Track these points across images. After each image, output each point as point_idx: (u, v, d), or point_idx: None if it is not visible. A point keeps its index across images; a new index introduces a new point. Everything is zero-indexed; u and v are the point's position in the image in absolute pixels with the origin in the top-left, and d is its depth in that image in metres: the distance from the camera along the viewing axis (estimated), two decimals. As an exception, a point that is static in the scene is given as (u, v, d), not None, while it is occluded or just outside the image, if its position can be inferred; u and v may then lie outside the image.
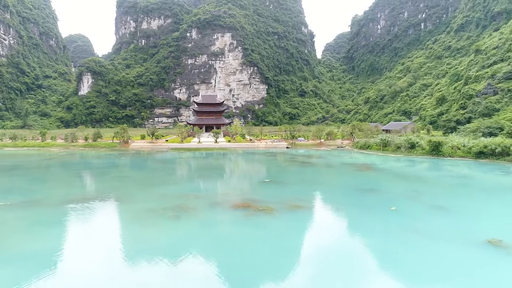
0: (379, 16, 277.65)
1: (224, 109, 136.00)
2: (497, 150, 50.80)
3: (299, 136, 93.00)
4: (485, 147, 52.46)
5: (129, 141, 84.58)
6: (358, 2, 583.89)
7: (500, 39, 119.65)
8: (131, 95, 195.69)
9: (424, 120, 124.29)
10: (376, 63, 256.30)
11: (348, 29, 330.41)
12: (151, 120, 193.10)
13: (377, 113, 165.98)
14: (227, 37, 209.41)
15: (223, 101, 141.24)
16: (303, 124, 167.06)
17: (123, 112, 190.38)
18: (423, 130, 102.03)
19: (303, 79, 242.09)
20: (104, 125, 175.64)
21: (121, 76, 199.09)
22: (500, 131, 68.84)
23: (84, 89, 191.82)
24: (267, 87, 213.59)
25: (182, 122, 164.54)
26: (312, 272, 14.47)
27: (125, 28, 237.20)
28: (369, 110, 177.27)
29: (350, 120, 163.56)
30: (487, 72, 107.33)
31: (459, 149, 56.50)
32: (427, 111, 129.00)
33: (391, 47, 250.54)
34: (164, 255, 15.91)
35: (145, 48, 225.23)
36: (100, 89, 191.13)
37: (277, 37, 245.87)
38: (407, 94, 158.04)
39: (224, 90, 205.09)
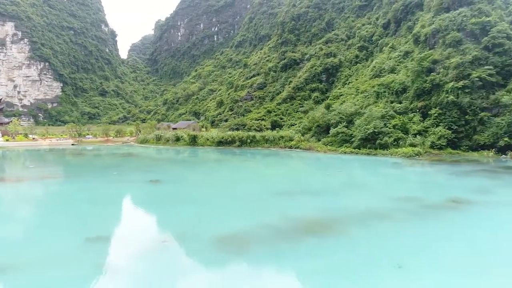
0: (179, 24, 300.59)
1: (3, 108, 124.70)
2: (228, 140, 73.03)
3: (88, 134, 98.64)
4: (222, 138, 74.20)
5: None
6: (162, 7, 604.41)
7: (259, 57, 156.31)
8: None
9: (208, 120, 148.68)
10: (177, 67, 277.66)
11: (153, 32, 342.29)
12: None
13: (173, 113, 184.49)
14: (9, 27, 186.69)
15: (1, 99, 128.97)
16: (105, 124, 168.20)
17: None
18: (203, 127, 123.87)
19: (104, 78, 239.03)
20: None
21: None
22: (243, 127, 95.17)
23: None
24: (62, 85, 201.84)
25: None
26: (76, 200, 25.75)
27: None
28: (167, 111, 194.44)
29: (150, 120, 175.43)
30: (248, 83, 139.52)
31: (208, 140, 76.91)
32: (211, 112, 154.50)
33: (190, 54, 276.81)
34: None
35: None
36: None
37: (73, 32, 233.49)
38: (197, 97, 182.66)
39: (6, 86, 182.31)
